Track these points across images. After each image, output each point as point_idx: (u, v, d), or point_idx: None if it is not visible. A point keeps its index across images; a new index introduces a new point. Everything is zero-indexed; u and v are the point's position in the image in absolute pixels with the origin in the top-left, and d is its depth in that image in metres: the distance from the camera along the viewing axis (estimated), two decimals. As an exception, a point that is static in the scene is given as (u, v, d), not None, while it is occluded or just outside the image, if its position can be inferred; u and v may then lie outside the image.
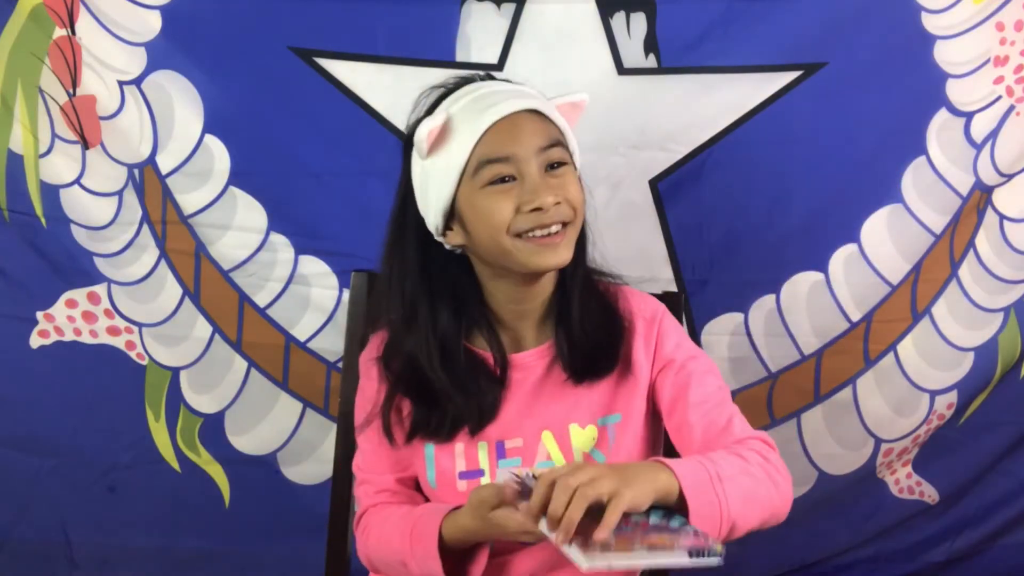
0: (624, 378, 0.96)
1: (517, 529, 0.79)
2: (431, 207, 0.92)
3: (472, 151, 0.88)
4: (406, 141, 0.96)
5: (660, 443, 1.00)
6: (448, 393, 0.92)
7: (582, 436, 0.95)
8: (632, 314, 0.98)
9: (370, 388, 0.98)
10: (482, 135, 0.88)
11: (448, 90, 0.94)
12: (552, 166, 0.90)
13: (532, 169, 0.88)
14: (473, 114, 0.89)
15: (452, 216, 0.92)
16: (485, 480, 0.94)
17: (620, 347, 0.95)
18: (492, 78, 0.97)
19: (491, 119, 0.88)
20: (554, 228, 0.88)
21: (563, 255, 0.89)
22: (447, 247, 0.95)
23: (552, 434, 0.95)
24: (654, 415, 0.97)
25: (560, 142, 0.91)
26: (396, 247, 0.96)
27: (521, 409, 0.95)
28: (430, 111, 0.93)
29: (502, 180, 0.88)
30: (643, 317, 0.98)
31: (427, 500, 0.99)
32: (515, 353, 0.97)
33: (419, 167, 0.93)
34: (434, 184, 0.91)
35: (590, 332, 0.94)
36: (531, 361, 0.96)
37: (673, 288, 1.51)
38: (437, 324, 0.93)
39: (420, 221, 0.94)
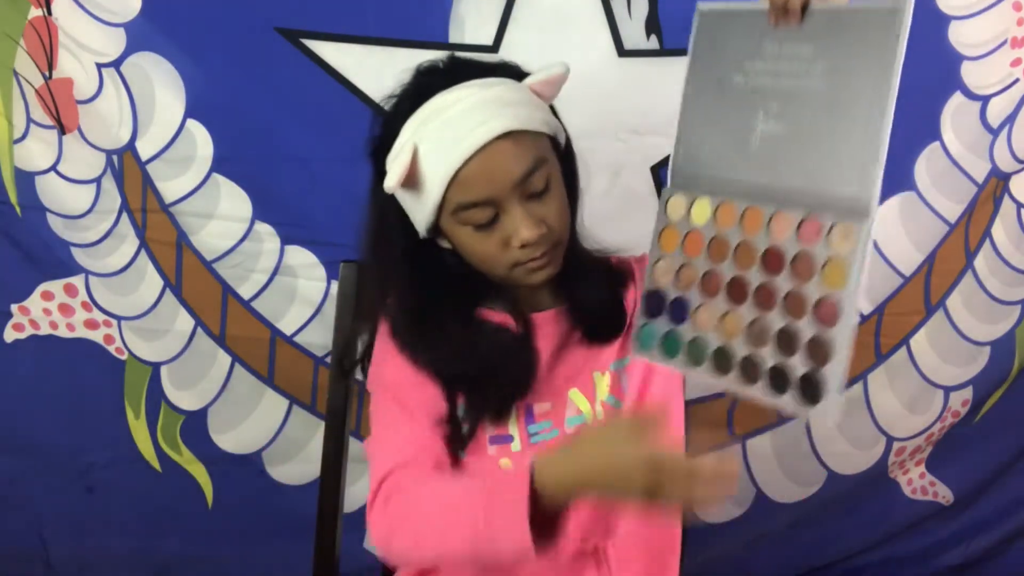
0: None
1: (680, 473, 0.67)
2: (415, 222, 0.91)
3: (445, 194, 0.85)
4: (373, 155, 0.93)
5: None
6: (485, 377, 0.91)
7: (602, 383, 0.94)
8: (628, 263, 1.00)
9: (398, 371, 0.93)
10: (454, 177, 0.84)
11: (411, 102, 0.88)
12: (537, 190, 0.87)
13: (513, 204, 0.86)
14: (442, 150, 0.84)
15: (438, 232, 0.91)
16: (515, 446, 0.91)
17: (626, 297, 0.97)
18: (454, 67, 0.91)
19: (462, 157, 0.83)
20: (539, 255, 0.88)
21: (552, 271, 0.90)
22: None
23: (579, 389, 0.94)
24: None
25: (541, 159, 0.87)
26: (380, 247, 0.94)
27: (546, 371, 0.94)
28: (390, 131, 0.89)
29: (483, 222, 0.86)
30: (637, 262, 1.00)
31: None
32: (535, 313, 0.96)
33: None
34: (413, 211, 0.90)
35: (599, 291, 0.96)
36: (551, 320, 0.96)
37: (676, 279, 1.48)
38: (446, 325, 0.92)
39: (404, 217, 0.92)
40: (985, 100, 1.45)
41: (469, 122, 0.84)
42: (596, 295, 0.96)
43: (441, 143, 0.84)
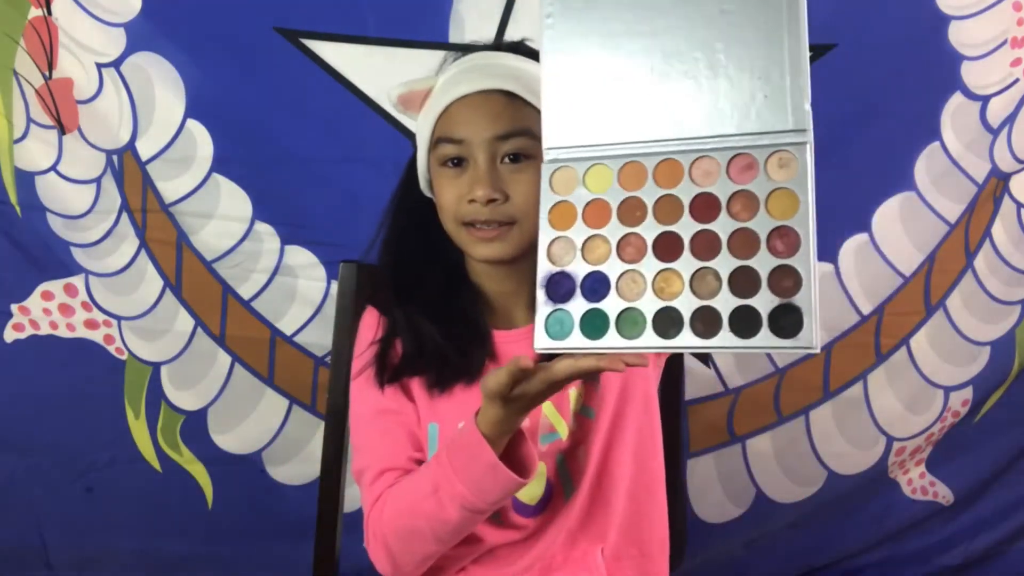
0: None
1: (542, 385, 0.74)
2: (419, 171, 0.92)
3: (434, 125, 0.87)
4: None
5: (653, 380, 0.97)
6: (441, 333, 0.90)
7: (574, 395, 0.92)
8: None
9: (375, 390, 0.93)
10: (443, 111, 0.87)
11: (459, 55, 0.93)
12: (511, 158, 0.86)
13: (480, 157, 0.85)
14: (446, 87, 0.88)
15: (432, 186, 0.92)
16: None
17: None
18: (517, 44, 0.93)
19: (454, 96, 0.86)
20: (486, 226, 0.86)
21: (499, 250, 0.87)
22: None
23: (552, 404, 0.92)
24: None
25: (528, 131, 0.86)
26: (400, 204, 0.95)
27: None
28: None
29: (453, 163, 0.87)
30: None
31: None
32: (503, 330, 0.94)
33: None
34: (418, 149, 0.91)
35: None
36: (517, 339, 0.93)
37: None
38: (434, 277, 0.92)
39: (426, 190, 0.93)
40: (985, 100, 1.45)
41: (478, 72, 0.87)
42: None
43: (449, 82, 0.87)
